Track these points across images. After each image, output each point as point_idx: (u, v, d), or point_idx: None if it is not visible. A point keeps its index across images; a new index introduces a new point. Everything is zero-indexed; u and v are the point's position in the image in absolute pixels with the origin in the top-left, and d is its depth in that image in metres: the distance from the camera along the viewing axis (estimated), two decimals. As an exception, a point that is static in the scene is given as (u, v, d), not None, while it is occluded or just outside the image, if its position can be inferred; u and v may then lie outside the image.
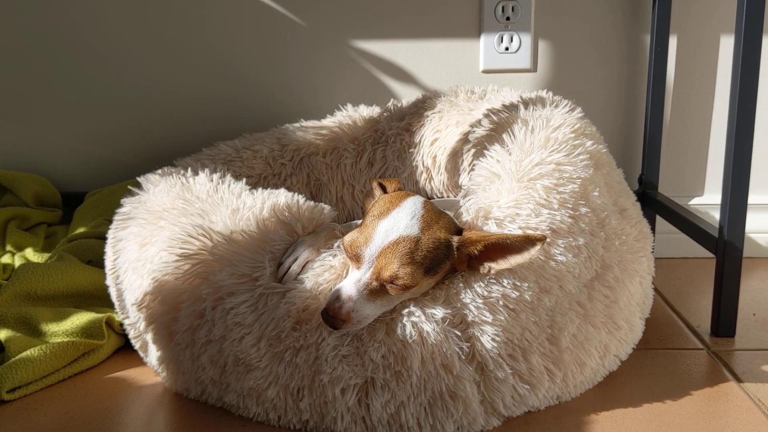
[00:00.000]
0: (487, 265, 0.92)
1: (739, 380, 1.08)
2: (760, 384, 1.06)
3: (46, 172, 1.71)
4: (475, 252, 0.91)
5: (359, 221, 0.98)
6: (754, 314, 1.33)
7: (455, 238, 0.91)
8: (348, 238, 0.90)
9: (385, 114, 1.52)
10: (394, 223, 0.89)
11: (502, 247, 0.90)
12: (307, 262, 0.96)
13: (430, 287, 0.93)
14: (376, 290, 0.88)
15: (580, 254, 1.00)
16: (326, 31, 1.66)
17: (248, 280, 0.95)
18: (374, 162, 1.49)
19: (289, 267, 0.95)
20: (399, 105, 1.53)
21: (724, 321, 1.22)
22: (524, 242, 0.89)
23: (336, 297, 0.87)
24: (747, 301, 1.38)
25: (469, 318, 0.92)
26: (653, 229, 1.42)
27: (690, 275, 1.58)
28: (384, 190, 0.99)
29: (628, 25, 1.64)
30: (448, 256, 0.91)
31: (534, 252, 0.88)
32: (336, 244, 0.98)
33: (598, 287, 1.03)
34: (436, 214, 0.92)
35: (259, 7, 1.64)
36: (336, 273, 0.94)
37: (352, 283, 0.88)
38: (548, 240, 0.96)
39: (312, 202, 1.03)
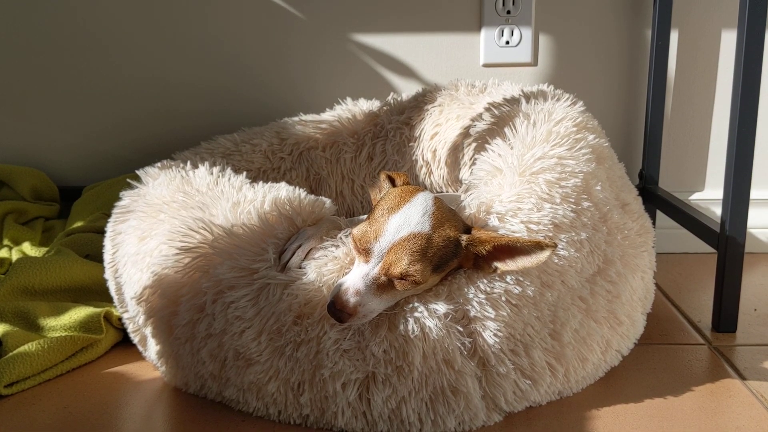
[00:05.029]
0: (493, 264, 0.91)
1: (740, 375, 1.08)
2: (762, 379, 1.06)
3: (44, 165, 1.71)
4: (483, 252, 0.91)
5: (364, 217, 0.97)
6: (755, 310, 1.33)
7: (464, 237, 0.90)
8: (357, 230, 0.89)
9: (384, 108, 1.51)
10: (406, 219, 0.88)
11: (511, 249, 0.90)
12: (310, 250, 0.95)
13: (435, 284, 0.93)
14: (384, 285, 0.87)
15: (583, 249, 0.99)
16: (326, 25, 1.65)
17: (249, 273, 0.95)
18: (374, 156, 1.49)
19: (293, 254, 0.95)
20: (399, 99, 1.53)
21: (726, 316, 1.22)
22: (534, 247, 0.88)
23: (344, 290, 0.87)
24: (748, 296, 1.38)
25: (472, 314, 0.91)
26: (654, 224, 1.42)
27: (691, 270, 1.58)
28: (393, 183, 0.99)
29: (630, 19, 1.64)
30: (457, 255, 0.90)
31: (543, 257, 0.88)
32: (340, 235, 0.97)
33: (600, 282, 1.02)
34: (447, 211, 0.92)
35: (259, 1, 1.63)
36: (339, 264, 0.93)
37: (360, 277, 0.87)
38: (554, 242, 0.95)
39: (313, 196, 1.03)
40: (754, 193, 1.33)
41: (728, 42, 1.62)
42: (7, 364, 1.03)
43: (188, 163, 1.18)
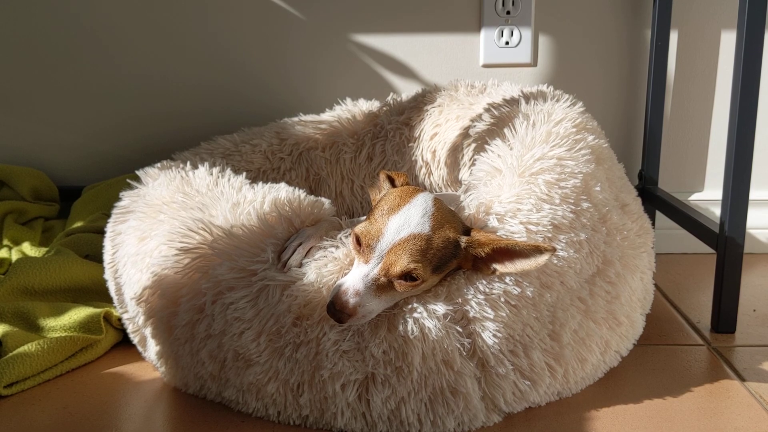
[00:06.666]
0: (492, 266, 0.91)
1: (739, 376, 1.08)
2: (761, 380, 1.06)
3: (44, 166, 1.70)
4: (482, 254, 0.91)
5: (363, 218, 0.97)
6: (754, 310, 1.33)
7: (464, 239, 0.90)
8: (357, 231, 0.89)
9: (384, 108, 1.52)
10: (406, 219, 0.88)
11: (510, 252, 0.90)
12: (310, 249, 0.95)
13: (435, 285, 0.93)
14: (384, 286, 0.88)
15: (582, 250, 0.99)
16: (326, 26, 1.65)
17: (248, 274, 0.95)
18: (373, 156, 1.49)
19: (293, 251, 0.95)
20: (398, 99, 1.53)
21: (725, 317, 1.22)
22: (533, 250, 0.88)
23: (343, 291, 0.87)
24: (747, 297, 1.38)
25: (471, 314, 0.91)
26: (653, 224, 1.42)
27: (690, 271, 1.58)
28: (392, 183, 0.98)
29: (629, 19, 1.64)
30: (456, 256, 0.90)
31: (542, 260, 0.88)
32: (339, 236, 0.97)
33: (600, 283, 1.02)
34: (446, 212, 0.92)
35: (259, 1, 1.63)
36: (339, 265, 0.93)
37: (360, 278, 0.87)
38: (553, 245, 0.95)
39: (313, 197, 1.03)
40: (754, 194, 1.33)
41: (728, 42, 1.62)
42: (6, 365, 1.03)
43: (188, 163, 1.19)
